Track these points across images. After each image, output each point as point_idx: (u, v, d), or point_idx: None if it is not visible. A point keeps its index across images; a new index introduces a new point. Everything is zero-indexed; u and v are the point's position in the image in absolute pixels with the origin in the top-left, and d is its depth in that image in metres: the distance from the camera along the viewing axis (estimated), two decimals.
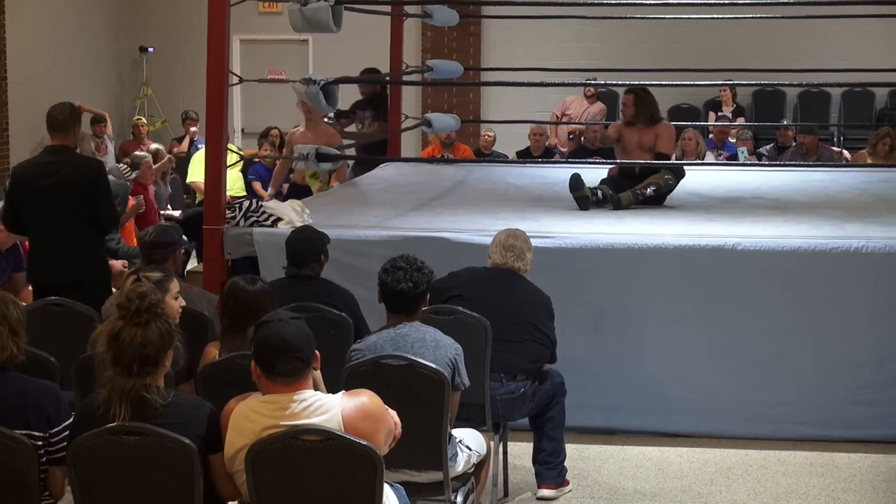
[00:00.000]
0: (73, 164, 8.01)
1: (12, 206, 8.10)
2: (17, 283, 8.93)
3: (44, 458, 4.64)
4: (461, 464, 5.78)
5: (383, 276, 5.76)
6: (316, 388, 4.69)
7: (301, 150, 8.88)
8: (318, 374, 4.88)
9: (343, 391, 4.70)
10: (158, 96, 17.71)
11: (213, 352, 5.82)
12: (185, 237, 7.41)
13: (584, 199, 9.40)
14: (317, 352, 4.61)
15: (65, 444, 4.60)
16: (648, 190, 9.47)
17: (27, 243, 9.10)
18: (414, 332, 5.70)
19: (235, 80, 8.98)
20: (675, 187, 9.67)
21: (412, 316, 5.79)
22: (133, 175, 11.50)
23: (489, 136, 14.89)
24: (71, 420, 4.70)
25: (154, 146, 14.13)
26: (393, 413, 4.77)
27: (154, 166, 12.36)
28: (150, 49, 17.95)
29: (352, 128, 12.40)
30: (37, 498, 4.59)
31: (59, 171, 7.89)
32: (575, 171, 9.63)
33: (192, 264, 11.35)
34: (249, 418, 4.50)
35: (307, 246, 6.99)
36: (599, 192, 9.47)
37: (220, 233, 8.40)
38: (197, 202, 13.02)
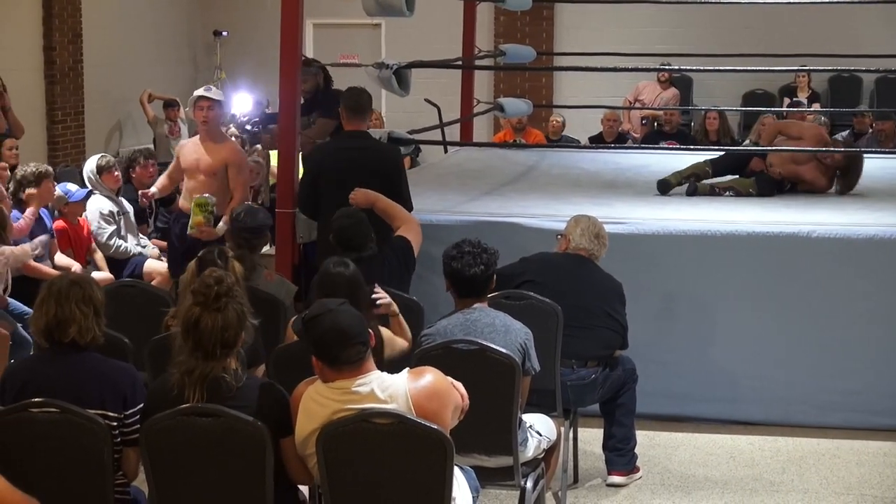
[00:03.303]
0: (376, 151, 8.06)
1: (314, 192, 8.03)
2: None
3: (118, 439, 4.70)
4: (531, 449, 5.78)
5: (452, 263, 5.77)
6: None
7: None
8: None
9: (406, 369, 4.73)
10: (232, 80, 17.79)
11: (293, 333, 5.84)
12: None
13: (666, 187, 9.41)
14: (370, 330, 4.64)
15: (139, 425, 4.65)
16: (727, 193, 9.34)
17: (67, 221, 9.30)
18: (484, 317, 5.71)
19: None
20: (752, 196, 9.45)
21: (481, 297, 5.81)
22: None
23: (557, 121, 14.88)
24: None
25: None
26: (458, 385, 4.77)
27: None
28: (224, 33, 18.02)
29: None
30: (110, 477, 4.66)
31: (361, 157, 7.88)
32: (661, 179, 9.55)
33: (265, 247, 11.40)
34: (320, 403, 4.52)
35: (359, 228, 6.82)
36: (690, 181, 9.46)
37: (292, 216, 8.44)
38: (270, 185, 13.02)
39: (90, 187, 9.93)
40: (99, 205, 9.86)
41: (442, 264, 5.88)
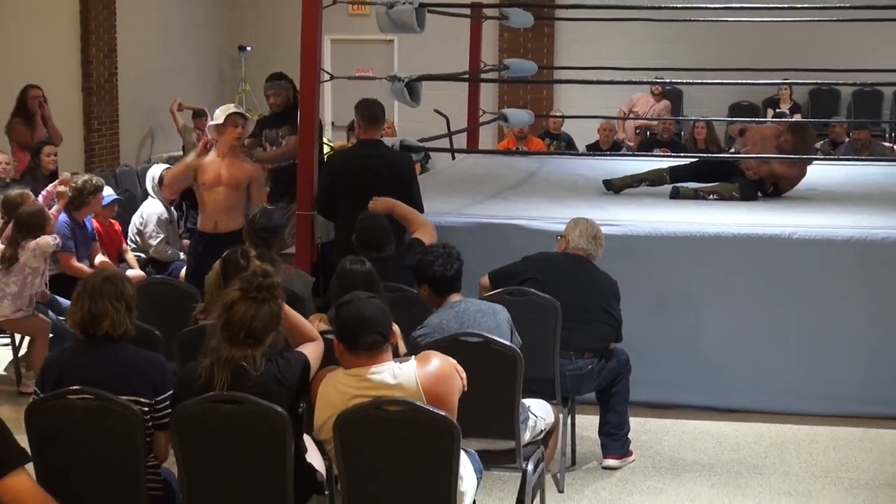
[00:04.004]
0: (388, 158, 8.07)
1: (332, 194, 8.04)
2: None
3: (150, 424, 4.72)
4: (529, 430, 5.79)
5: (429, 271, 5.76)
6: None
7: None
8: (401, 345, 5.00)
9: (413, 357, 4.75)
10: (256, 92, 17.79)
11: (314, 322, 5.84)
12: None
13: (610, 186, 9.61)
14: (394, 327, 4.66)
15: (169, 410, 4.68)
16: (710, 196, 9.31)
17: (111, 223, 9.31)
18: (471, 306, 5.78)
19: (326, 77, 9.02)
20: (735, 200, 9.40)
21: (459, 291, 5.85)
22: None
23: (557, 120, 15.02)
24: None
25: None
26: (452, 362, 4.76)
27: None
28: (248, 48, 18.05)
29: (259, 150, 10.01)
30: (142, 459, 4.67)
31: (375, 164, 7.89)
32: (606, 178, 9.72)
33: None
34: (338, 389, 4.55)
35: (382, 231, 6.90)
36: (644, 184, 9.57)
37: (311, 218, 8.46)
38: None
39: (151, 193, 10.05)
40: (157, 210, 9.96)
41: (416, 274, 5.87)
